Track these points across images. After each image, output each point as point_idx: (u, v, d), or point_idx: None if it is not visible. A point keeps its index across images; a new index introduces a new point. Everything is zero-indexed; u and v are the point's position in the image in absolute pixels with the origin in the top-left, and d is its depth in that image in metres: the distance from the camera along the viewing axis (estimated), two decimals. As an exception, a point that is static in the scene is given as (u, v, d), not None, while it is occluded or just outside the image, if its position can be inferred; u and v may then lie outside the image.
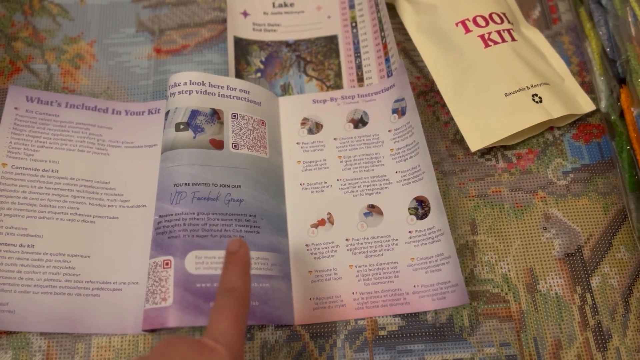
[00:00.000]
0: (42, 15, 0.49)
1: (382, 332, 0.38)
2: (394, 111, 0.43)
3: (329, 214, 0.41)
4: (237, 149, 0.41)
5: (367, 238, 0.40)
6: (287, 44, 0.48)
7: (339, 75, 0.47)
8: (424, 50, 0.45)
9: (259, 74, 0.47)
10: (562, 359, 0.37)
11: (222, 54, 0.48)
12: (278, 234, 0.40)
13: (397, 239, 0.40)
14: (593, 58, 0.45)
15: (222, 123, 0.41)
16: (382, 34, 0.46)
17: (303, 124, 0.44)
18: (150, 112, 0.45)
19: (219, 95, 0.42)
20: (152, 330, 0.37)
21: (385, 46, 0.45)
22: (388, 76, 0.45)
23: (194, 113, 0.41)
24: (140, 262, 0.39)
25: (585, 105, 0.44)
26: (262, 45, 0.48)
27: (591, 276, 0.39)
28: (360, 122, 0.44)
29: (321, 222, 0.41)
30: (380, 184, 0.42)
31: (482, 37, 0.44)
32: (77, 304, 0.38)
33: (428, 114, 0.45)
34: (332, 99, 0.45)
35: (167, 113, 0.41)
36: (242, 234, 0.38)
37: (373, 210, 0.41)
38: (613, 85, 0.43)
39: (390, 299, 0.38)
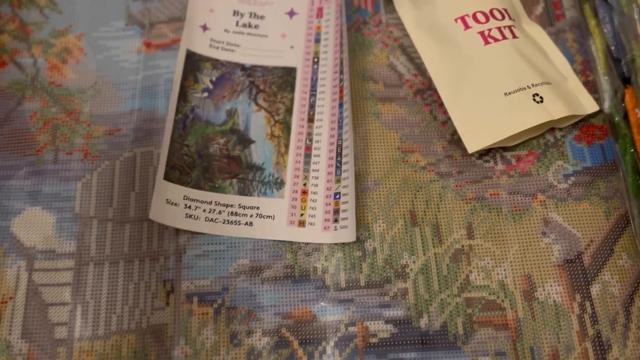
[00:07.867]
0: (30, 8, 0.47)
1: (374, 339, 0.37)
2: None
3: None
4: None
5: None
6: (242, 67, 0.45)
7: (289, 111, 0.43)
8: (422, 47, 0.44)
9: (205, 94, 0.44)
10: (559, 369, 0.36)
11: (213, 49, 0.46)
12: None
13: None
14: (597, 56, 0.44)
15: None
16: (341, 76, 0.43)
17: None
18: None
19: None
20: None
21: (341, 90, 0.42)
22: (339, 122, 0.41)
23: None
24: None
25: (588, 105, 0.43)
26: (216, 64, 0.45)
27: (591, 284, 0.38)
28: None
29: None
30: None
31: (482, 33, 0.42)
32: None
33: (425, 113, 0.43)
34: None
35: None
36: None
37: None
38: (617, 85, 0.42)
39: None
